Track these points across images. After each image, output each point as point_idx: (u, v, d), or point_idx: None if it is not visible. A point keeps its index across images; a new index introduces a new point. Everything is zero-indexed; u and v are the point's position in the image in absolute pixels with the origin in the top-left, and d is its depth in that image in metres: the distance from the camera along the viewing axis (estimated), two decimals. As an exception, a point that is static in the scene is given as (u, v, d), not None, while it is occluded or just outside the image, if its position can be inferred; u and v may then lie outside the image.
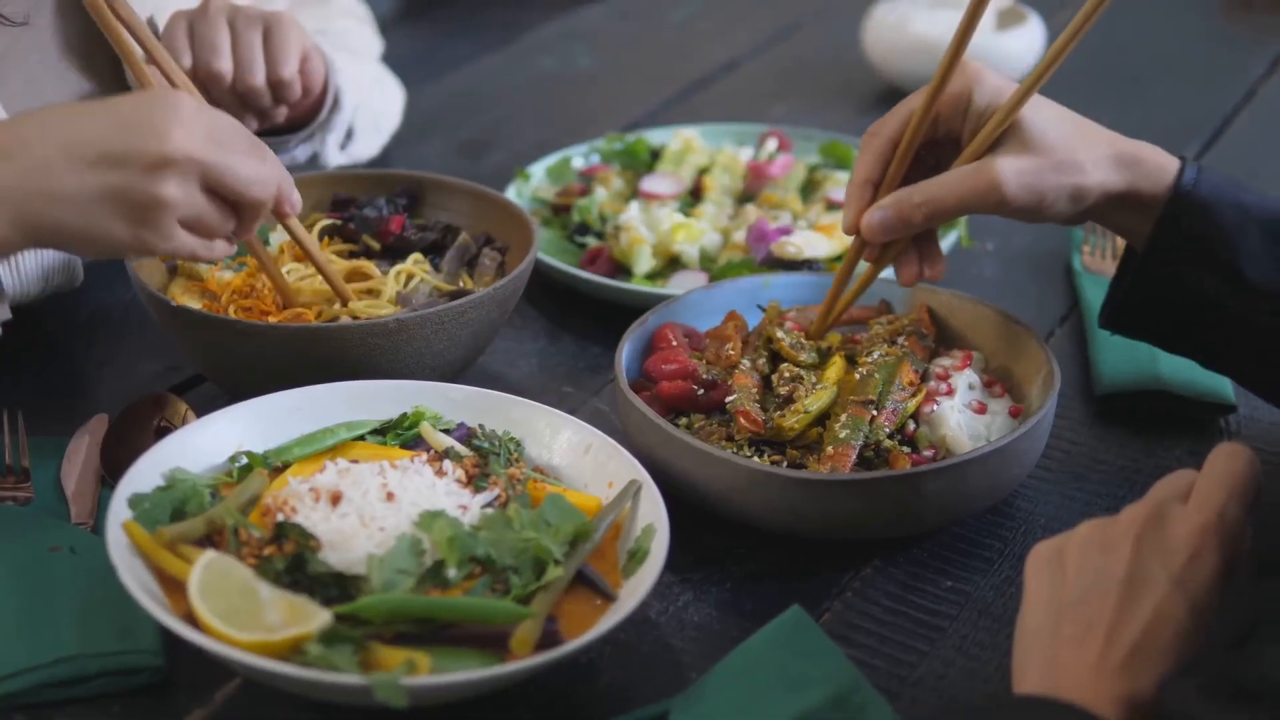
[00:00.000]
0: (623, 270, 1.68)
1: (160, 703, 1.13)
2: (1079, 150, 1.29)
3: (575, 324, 1.64)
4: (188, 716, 1.11)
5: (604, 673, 1.17)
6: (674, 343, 1.41)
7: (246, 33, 1.61)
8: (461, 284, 1.51)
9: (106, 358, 1.57)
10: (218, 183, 1.18)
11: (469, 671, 1.04)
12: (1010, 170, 1.28)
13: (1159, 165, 1.30)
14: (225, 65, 1.60)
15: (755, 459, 1.28)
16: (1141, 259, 1.31)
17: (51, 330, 1.59)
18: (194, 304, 1.44)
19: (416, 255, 1.51)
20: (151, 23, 1.64)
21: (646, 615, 1.22)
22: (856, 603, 1.24)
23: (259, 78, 1.61)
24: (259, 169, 1.21)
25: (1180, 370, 1.48)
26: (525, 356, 1.59)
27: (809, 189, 1.82)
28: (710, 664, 1.14)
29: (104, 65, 1.62)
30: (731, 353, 1.38)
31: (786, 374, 1.36)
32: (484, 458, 1.26)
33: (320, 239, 1.54)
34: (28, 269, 1.49)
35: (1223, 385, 1.47)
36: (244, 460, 1.25)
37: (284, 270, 1.46)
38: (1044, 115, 1.30)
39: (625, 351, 1.39)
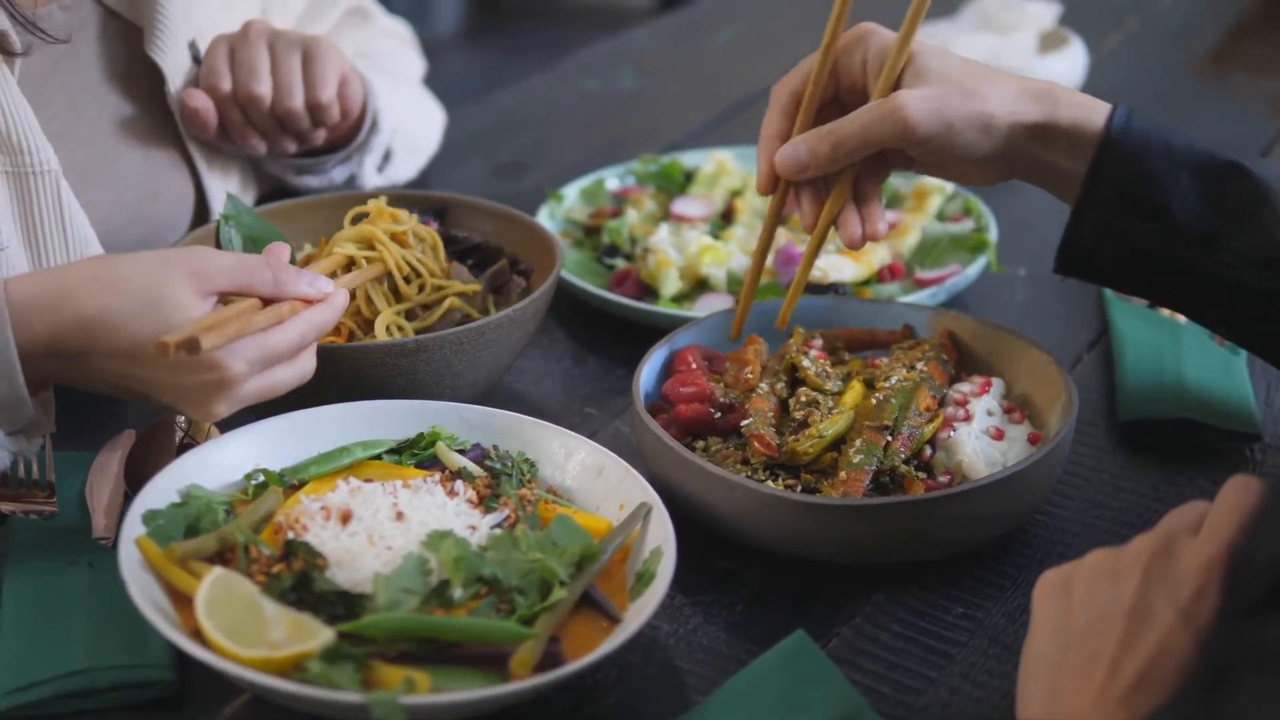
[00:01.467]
0: (650, 292, 1.68)
1: (170, 716, 1.14)
2: (984, 82, 1.31)
3: (602, 345, 1.65)
4: (195, 731, 1.13)
5: (611, 694, 1.17)
6: (693, 366, 1.42)
7: (286, 57, 1.63)
8: (490, 307, 1.52)
9: (139, 374, 1.59)
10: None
11: (468, 691, 1.05)
12: (913, 97, 1.29)
13: (1077, 101, 1.31)
14: (264, 89, 1.62)
15: (769, 483, 1.29)
16: (1076, 205, 1.31)
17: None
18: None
19: (478, 286, 1.51)
20: (193, 46, 1.66)
21: (655, 637, 1.23)
22: (866, 628, 1.24)
23: (297, 101, 1.64)
24: (297, 374, 1.28)
25: (1205, 398, 1.47)
26: (550, 377, 1.60)
27: (841, 212, 1.82)
28: (717, 687, 1.15)
29: (145, 88, 1.65)
30: (750, 376, 1.39)
31: (803, 398, 1.36)
32: (496, 478, 1.27)
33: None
34: None
35: (1248, 414, 1.46)
36: (260, 478, 1.27)
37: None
38: (944, 56, 1.33)
39: (645, 374, 1.39)
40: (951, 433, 1.34)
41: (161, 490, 1.22)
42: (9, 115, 1.46)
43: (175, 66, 1.65)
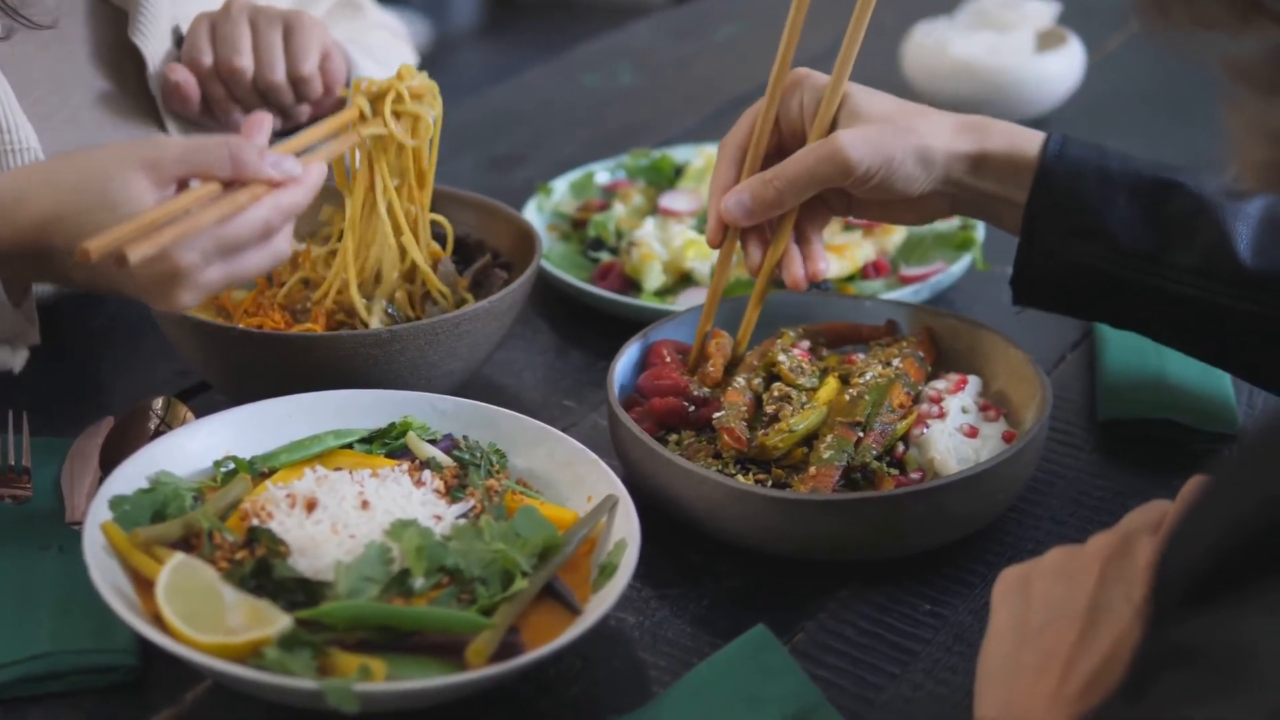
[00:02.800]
0: (634, 286, 1.68)
1: (133, 700, 1.14)
2: (917, 117, 1.34)
3: (584, 339, 1.65)
4: (157, 715, 1.13)
5: (573, 685, 1.17)
6: (668, 360, 1.41)
7: (267, 31, 1.64)
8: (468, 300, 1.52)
9: (121, 362, 1.60)
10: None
11: (422, 680, 1.05)
12: (850, 135, 1.32)
13: (1009, 131, 1.34)
14: (245, 62, 1.62)
15: (739, 477, 1.29)
16: (1021, 237, 1.35)
17: (69, 333, 1.62)
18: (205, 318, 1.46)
19: (454, 302, 1.51)
20: (177, 31, 1.67)
21: (621, 629, 1.23)
22: (831, 623, 1.23)
23: (279, 74, 1.64)
24: (269, 258, 1.25)
25: (1186, 398, 1.47)
26: (531, 369, 1.60)
27: (830, 209, 1.81)
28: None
29: (131, 73, 1.66)
30: (711, 370, 1.38)
31: (776, 393, 1.36)
32: (464, 469, 1.27)
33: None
34: None
35: (1229, 414, 1.46)
36: (230, 465, 1.27)
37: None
38: (876, 95, 1.36)
39: (620, 367, 1.39)
40: (925, 429, 1.34)
41: (130, 476, 1.23)
42: None
43: (157, 52, 1.65)
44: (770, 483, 1.29)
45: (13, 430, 1.39)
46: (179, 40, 1.67)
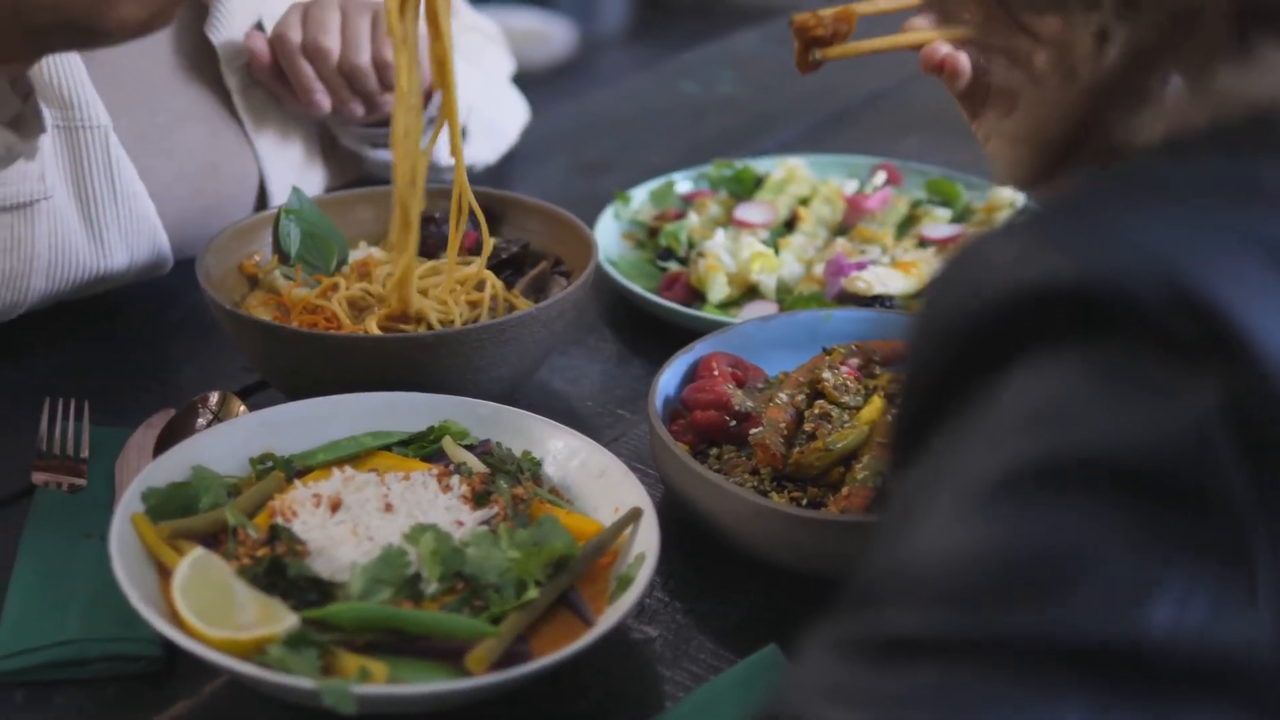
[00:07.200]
0: (700, 297, 1.67)
1: (153, 691, 1.16)
2: None
3: (646, 348, 1.64)
4: (174, 705, 1.15)
5: (585, 697, 1.17)
6: (715, 373, 1.41)
7: (355, 17, 1.69)
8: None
9: (193, 355, 1.63)
10: None
11: (420, 685, 1.06)
12: None
13: None
14: (333, 42, 1.66)
15: (773, 495, 1.28)
16: None
17: (143, 324, 1.66)
18: (265, 315, 1.48)
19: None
20: (260, 26, 1.70)
21: (644, 643, 1.22)
22: (853, 647, 1.22)
23: (364, 57, 1.67)
24: None
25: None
26: (589, 376, 1.60)
27: (908, 225, 1.79)
28: (695, 697, 1.14)
29: (212, 68, 1.69)
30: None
31: (816, 411, 1.35)
32: (492, 474, 1.27)
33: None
34: (112, 244, 1.56)
35: None
36: (268, 463, 1.29)
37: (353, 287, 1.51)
38: None
39: (666, 378, 1.39)
40: (968, 453, 1.31)
41: (168, 469, 1.25)
42: (58, 70, 1.50)
43: (232, 47, 1.69)
44: (805, 501, 1.28)
45: (73, 418, 1.42)
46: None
